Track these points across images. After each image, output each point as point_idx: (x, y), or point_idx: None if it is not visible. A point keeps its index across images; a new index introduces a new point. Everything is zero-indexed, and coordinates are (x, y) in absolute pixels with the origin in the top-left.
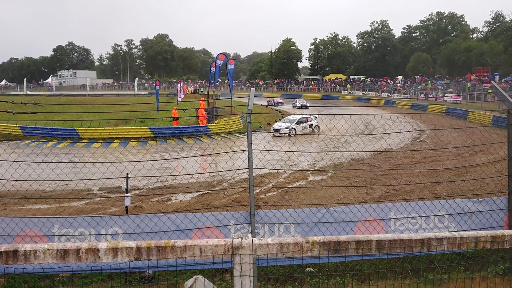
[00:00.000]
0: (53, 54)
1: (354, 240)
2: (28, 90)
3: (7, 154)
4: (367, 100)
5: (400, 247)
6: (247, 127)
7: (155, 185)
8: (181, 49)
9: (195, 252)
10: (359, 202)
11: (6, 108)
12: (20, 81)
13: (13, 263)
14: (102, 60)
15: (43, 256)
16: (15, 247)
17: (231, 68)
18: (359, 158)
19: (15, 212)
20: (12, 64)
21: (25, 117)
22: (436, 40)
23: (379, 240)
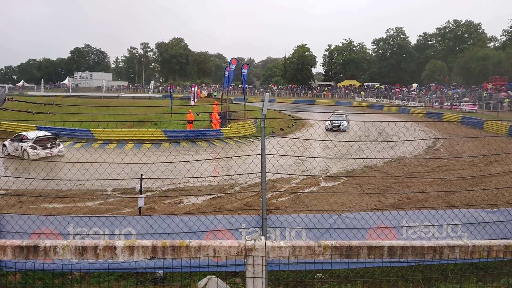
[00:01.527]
0: (70, 56)
1: (366, 246)
2: (45, 91)
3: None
4: (381, 107)
5: (412, 254)
6: (261, 131)
7: (168, 187)
8: (196, 53)
9: (209, 253)
10: (371, 209)
11: (26, 108)
12: (38, 82)
13: (34, 258)
14: (118, 63)
15: (62, 252)
16: (36, 243)
17: (245, 72)
18: (372, 165)
19: (31, 210)
20: (30, 65)
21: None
22: (452, 48)
23: (391, 246)
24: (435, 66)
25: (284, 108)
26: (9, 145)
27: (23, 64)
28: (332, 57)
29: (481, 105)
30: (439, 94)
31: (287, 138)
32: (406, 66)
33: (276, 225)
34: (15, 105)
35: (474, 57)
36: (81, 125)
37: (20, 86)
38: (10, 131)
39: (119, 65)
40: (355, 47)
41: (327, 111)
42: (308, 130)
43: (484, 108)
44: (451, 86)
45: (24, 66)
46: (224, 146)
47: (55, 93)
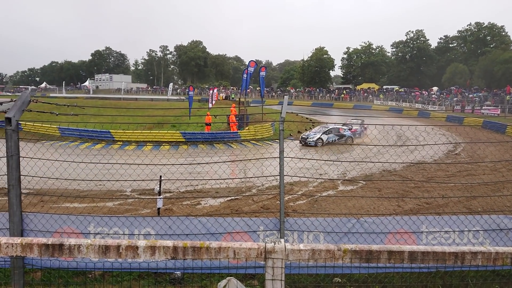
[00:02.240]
0: (91, 58)
1: (386, 250)
2: (66, 92)
3: (49, 153)
4: (401, 110)
5: (433, 259)
6: (279, 134)
7: (186, 189)
8: (214, 56)
9: (229, 254)
10: (390, 214)
11: (49, 109)
12: (60, 84)
13: (58, 256)
14: (138, 65)
15: (86, 251)
16: (61, 241)
17: (262, 75)
18: (391, 169)
19: (53, 209)
20: (52, 68)
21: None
22: (474, 51)
23: (411, 251)
24: (456, 69)
25: (302, 111)
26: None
27: (45, 66)
28: (350, 60)
29: (503, 109)
30: (460, 97)
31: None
32: (426, 69)
33: (294, 228)
34: (39, 106)
35: (497, 60)
36: (103, 126)
37: (43, 88)
38: (34, 132)
39: (138, 68)
40: (374, 50)
41: (345, 114)
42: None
43: (507, 112)
44: (473, 89)
45: (46, 68)
46: (242, 149)
47: (76, 95)
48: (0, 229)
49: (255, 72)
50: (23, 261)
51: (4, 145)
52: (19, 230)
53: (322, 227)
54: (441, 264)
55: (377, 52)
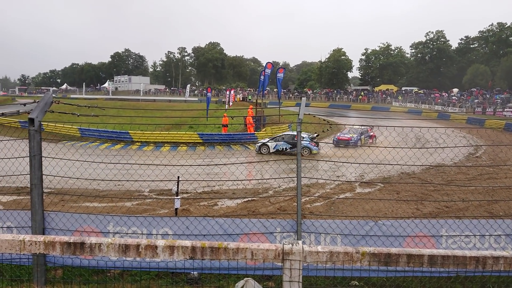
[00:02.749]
0: (111, 60)
1: (405, 253)
2: (86, 93)
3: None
4: (420, 112)
5: (453, 264)
6: (297, 136)
7: (203, 190)
8: (232, 57)
9: (247, 255)
10: (409, 217)
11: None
12: (80, 85)
13: (80, 254)
14: (156, 67)
15: (107, 250)
16: (82, 239)
17: (280, 76)
18: (409, 172)
19: (74, 208)
20: (73, 69)
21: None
22: (495, 51)
23: (431, 255)
24: (477, 71)
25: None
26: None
27: (66, 68)
28: (368, 61)
29: None
30: (481, 99)
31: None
32: (446, 71)
33: (311, 230)
34: (60, 107)
35: None
36: (122, 127)
37: (63, 89)
38: (56, 132)
39: (156, 69)
40: (393, 51)
41: (363, 116)
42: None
43: None
44: (494, 91)
45: (67, 70)
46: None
47: (95, 96)
48: (23, 227)
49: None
50: (45, 258)
51: (27, 145)
52: (41, 228)
53: (339, 230)
54: (462, 269)
55: (395, 53)
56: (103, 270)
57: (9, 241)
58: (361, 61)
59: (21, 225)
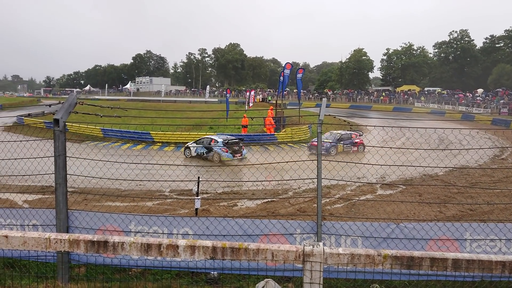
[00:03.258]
0: (132, 62)
1: (428, 257)
2: (108, 95)
3: (94, 153)
4: (443, 113)
5: (478, 268)
6: (318, 137)
7: (223, 190)
8: (251, 58)
9: (267, 256)
10: (431, 220)
11: (94, 111)
12: (102, 87)
13: (103, 253)
14: (176, 68)
15: (129, 248)
16: (106, 238)
17: (299, 77)
18: (432, 174)
19: (96, 207)
20: (96, 71)
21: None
22: None
23: (455, 258)
24: (503, 70)
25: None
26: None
27: (89, 70)
28: (390, 61)
29: None
30: (507, 100)
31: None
32: (470, 71)
33: (331, 232)
34: (83, 108)
35: None
36: (144, 128)
37: (87, 91)
38: (79, 133)
39: (177, 70)
40: (415, 50)
41: (385, 117)
42: (366, 136)
43: None
44: None
45: (90, 72)
46: (279, 151)
47: (118, 97)
48: (48, 225)
49: (292, 74)
50: (69, 256)
51: (52, 145)
52: (65, 226)
53: (360, 232)
54: (487, 274)
55: (418, 53)
56: (124, 268)
57: (35, 238)
58: (382, 61)
59: (46, 223)
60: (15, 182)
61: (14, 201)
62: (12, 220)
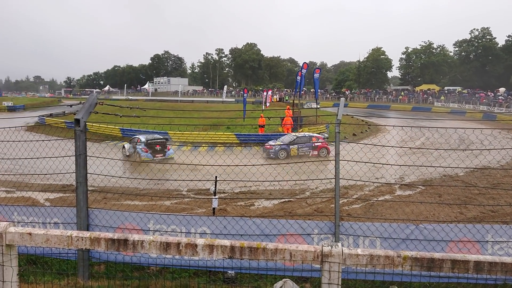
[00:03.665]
0: (151, 62)
1: (449, 259)
2: (127, 95)
3: (113, 153)
4: (463, 113)
5: (501, 271)
6: (335, 137)
7: (240, 190)
8: (268, 58)
9: (285, 256)
10: (452, 221)
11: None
12: (121, 87)
13: (123, 251)
14: (194, 68)
15: (148, 247)
16: (126, 236)
17: (316, 77)
18: (452, 174)
19: (116, 206)
20: (115, 71)
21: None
22: None
23: (477, 261)
24: None
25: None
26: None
27: (108, 70)
28: (409, 60)
29: None
30: None
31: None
32: (492, 69)
33: (349, 232)
34: (103, 108)
35: None
36: (162, 128)
37: (106, 91)
38: (100, 133)
39: (194, 71)
40: (435, 49)
41: (404, 116)
42: (385, 136)
43: None
44: None
45: (109, 72)
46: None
47: (136, 97)
48: (69, 223)
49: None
50: (89, 254)
51: (73, 144)
52: (85, 224)
53: (378, 233)
54: (510, 277)
55: (438, 52)
56: (143, 266)
57: (58, 236)
58: (401, 60)
59: (67, 221)
60: (37, 180)
61: (36, 200)
62: (35, 218)
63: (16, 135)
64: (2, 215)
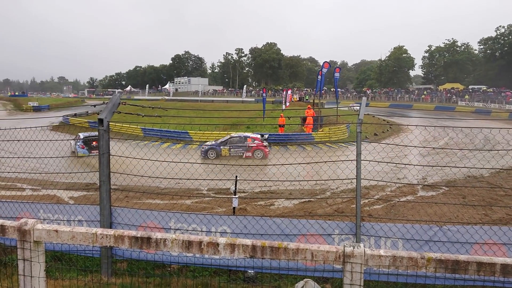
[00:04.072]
0: (171, 63)
1: (475, 261)
2: (148, 95)
3: (136, 152)
4: (489, 112)
5: None
6: (357, 136)
7: (260, 190)
8: (288, 57)
9: (307, 256)
10: (476, 223)
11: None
12: (143, 87)
13: (146, 249)
14: (214, 68)
15: (171, 245)
16: (149, 234)
17: (337, 76)
18: (477, 175)
19: (138, 205)
20: (136, 72)
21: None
22: None
23: (505, 263)
24: None
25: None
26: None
27: (130, 71)
28: (432, 59)
29: None
30: None
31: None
32: None
33: (371, 233)
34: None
35: None
36: (183, 127)
37: (128, 91)
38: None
39: (214, 70)
40: (459, 47)
41: (426, 116)
42: (408, 136)
43: None
44: None
45: (131, 73)
46: (318, 151)
47: (157, 97)
48: (92, 221)
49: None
50: (111, 251)
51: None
52: (108, 222)
53: (400, 234)
54: None
55: (462, 50)
56: (164, 264)
57: (83, 233)
58: (424, 58)
59: (90, 219)
60: (62, 179)
61: (61, 198)
62: (60, 215)
63: (42, 135)
64: (29, 213)
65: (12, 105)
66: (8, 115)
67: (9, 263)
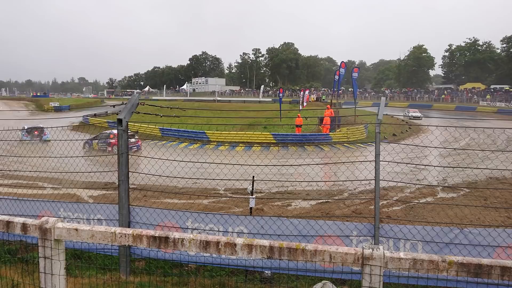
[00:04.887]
0: (189, 63)
1: (499, 265)
2: (166, 95)
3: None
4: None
5: None
6: (376, 137)
7: (277, 190)
8: (306, 57)
9: (325, 258)
10: (498, 225)
11: (153, 111)
12: (161, 87)
13: (164, 248)
14: (231, 68)
15: (189, 245)
16: (167, 234)
17: (355, 76)
18: (499, 176)
19: (155, 204)
20: (154, 72)
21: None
22: None
23: None
24: None
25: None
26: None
27: (148, 72)
28: (453, 58)
29: None
30: None
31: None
32: None
33: (390, 235)
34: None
35: None
36: (201, 127)
37: (146, 91)
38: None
39: (232, 71)
40: (480, 46)
41: (446, 116)
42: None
43: None
44: None
45: (149, 73)
46: (336, 151)
47: (175, 98)
48: (111, 219)
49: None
50: (130, 250)
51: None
52: (126, 221)
53: (420, 236)
54: None
55: (483, 49)
56: (181, 264)
57: (102, 232)
58: (444, 58)
59: (109, 218)
60: (82, 178)
61: (81, 197)
62: (79, 214)
63: (62, 134)
64: (49, 211)
65: (34, 105)
66: (30, 115)
67: (31, 260)
